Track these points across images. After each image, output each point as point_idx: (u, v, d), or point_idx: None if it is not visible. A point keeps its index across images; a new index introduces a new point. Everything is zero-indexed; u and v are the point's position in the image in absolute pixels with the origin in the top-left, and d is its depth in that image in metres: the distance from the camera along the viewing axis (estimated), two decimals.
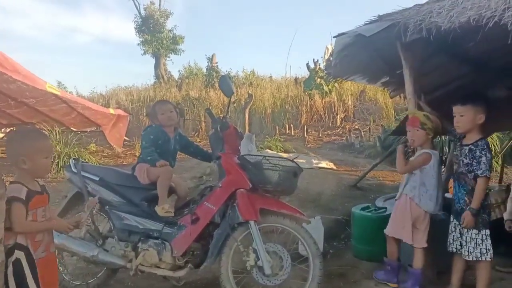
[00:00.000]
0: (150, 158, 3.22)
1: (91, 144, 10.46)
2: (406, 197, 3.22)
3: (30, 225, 2.09)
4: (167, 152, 3.38)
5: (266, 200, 3.08)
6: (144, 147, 3.29)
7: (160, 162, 3.18)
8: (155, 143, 3.31)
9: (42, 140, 2.25)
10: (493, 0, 2.49)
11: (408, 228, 3.17)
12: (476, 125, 2.96)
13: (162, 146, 3.34)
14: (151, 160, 3.21)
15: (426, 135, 3.20)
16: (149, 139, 3.30)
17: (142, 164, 3.30)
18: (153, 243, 3.10)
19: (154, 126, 3.41)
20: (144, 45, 21.04)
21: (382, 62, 4.01)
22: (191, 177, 7.00)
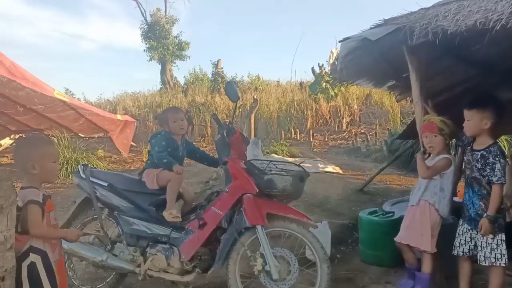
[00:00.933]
0: (166, 161, 3.23)
1: (99, 150, 10.54)
2: (426, 203, 3.15)
3: (47, 230, 2.17)
4: (176, 158, 3.39)
5: (272, 205, 3.08)
6: (158, 152, 3.30)
7: (176, 166, 3.21)
8: (165, 149, 3.33)
9: (49, 145, 2.35)
10: (499, 3, 2.48)
11: (428, 235, 3.10)
12: (484, 130, 2.89)
13: (171, 153, 3.36)
14: (167, 163, 3.23)
15: (444, 141, 3.17)
16: (161, 144, 3.32)
17: (151, 169, 3.32)
18: (161, 248, 3.12)
19: (164, 133, 3.43)
20: (150, 51, 21.18)
21: (388, 66, 4.00)
22: (198, 182, 7.03)
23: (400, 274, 3.58)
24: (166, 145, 3.34)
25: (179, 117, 3.43)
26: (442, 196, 3.13)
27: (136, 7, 22.26)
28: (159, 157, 3.27)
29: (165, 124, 3.44)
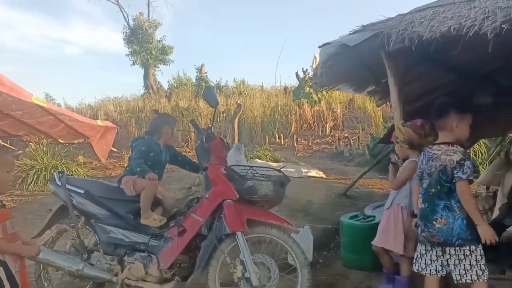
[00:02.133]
0: (140, 170, 3.19)
1: (79, 156, 10.36)
2: (398, 207, 3.18)
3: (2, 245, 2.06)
4: (159, 163, 3.36)
5: (253, 211, 3.06)
6: (134, 158, 3.26)
7: (149, 174, 3.16)
8: (146, 155, 3.28)
9: (2, 154, 2.24)
10: (473, 9, 2.53)
11: (400, 239, 3.12)
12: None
13: (153, 158, 3.32)
14: (140, 172, 3.18)
15: (401, 148, 3.20)
16: (140, 150, 3.27)
17: (129, 176, 3.27)
18: (139, 256, 3.06)
19: (147, 138, 3.38)
20: (132, 55, 20.93)
21: (368, 71, 4.04)
22: (180, 187, 6.97)
23: (381, 278, 3.59)
24: (148, 150, 3.29)
25: (169, 131, 3.43)
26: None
27: (119, 11, 22.08)
28: (134, 164, 3.22)
29: (159, 127, 3.40)
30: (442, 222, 2.50)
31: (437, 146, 2.60)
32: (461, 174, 2.44)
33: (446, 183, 2.51)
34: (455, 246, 2.48)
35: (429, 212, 2.56)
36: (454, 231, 2.46)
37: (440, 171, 2.53)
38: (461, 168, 2.45)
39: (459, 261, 2.49)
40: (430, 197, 2.58)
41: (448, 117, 2.56)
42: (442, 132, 2.62)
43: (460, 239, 2.46)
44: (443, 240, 2.50)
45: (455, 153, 2.51)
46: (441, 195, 2.53)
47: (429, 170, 2.60)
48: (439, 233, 2.50)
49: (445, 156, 2.52)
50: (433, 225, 2.52)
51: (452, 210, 2.49)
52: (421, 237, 2.62)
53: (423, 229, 2.58)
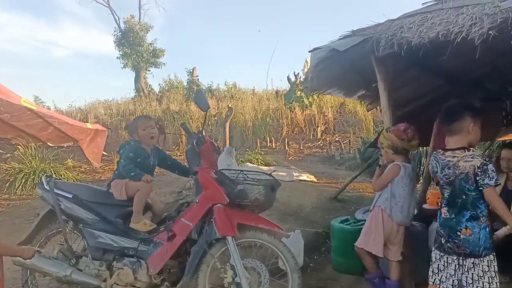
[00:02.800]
0: (134, 174, 3.16)
1: (68, 159, 10.25)
2: (378, 209, 3.20)
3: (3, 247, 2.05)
4: (147, 168, 3.33)
5: (243, 215, 3.05)
6: (124, 165, 3.23)
7: (146, 176, 3.15)
8: (134, 160, 3.25)
9: None
10: (460, 16, 2.56)
11: (379, 241, 3.13)
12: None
13: (141, 163, 3.29)
14: (135, 176, 3.16)
15: (386, 153, 3.23)
16: (128, 156, 3.25)
17: (119, 180, 3.24)
18: (128, 261, 3.04)
19: (133, 143, 3.36)
20: (123, 58, 20.83)
21: (358, 76, 4.06)
22: (171, 191, 6.93)
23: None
24: (135, 156, 3.26)
25: (149, 125, 3.37)
26: (394, 202, 3.14)
27: (110, 14, 21.99)
28: (125, 171, 3.20)
29: (134, 132, 3.37)
30: (468, 233, 2.43)
31: (451, 152, 2.50)
32: (488, 180, 2.36)
33: (470, 191, 2.43)
34: (481, 256, 2.42)
35: (455, 222, 2.48)
36: (480, 240, 2.41)
37: (462, 180, 2.44)
38: (485, 174, 2.37)
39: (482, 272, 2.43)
40: (457, 207, 2.49)
41: (463, 120, 2.47)
42: (455, 137, 2.52)
43: (486, 249, 2.42)
44: (469, 251, 2.43)
45: (473, 158, 2.42)
46: (467, 205, 2.45)
47: (448, 179, 2.51)
48: (465, 244, 2.43)
49: (464, 163, 2.42)
50: (458, 236, 2.45)
51: (478, 220, 2.43)
52: (445, 247, 2.52)
53: (447, 240, 2.50)
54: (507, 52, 3.79)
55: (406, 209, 3.16)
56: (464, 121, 2.47)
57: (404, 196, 3.14)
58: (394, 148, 3.15)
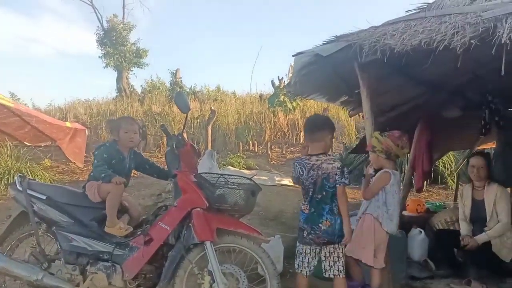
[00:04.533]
0: (104, 175, 3.07)
1: (46, 159, 10.02)
2: (371, 217, 3.18)
3: None
4: (121, 171, 3.24)
5: (223, 220, 3.00)
6: (96, 166, 3.14)
7: (115, 178, 3.04)
8: (108, 162, 3.17)
9: None
10: (443, 24, 2.57)
11: (370, 249, 3.12)
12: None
13: (116, 165, 3.21)
14: (105, 177, 3.06)
15: (377, 157, 3.23)
16: (102, 157, 3.16)
17: (93, 182, 3.15)
18: (102, 266, 2.95)
19: (108, 144, 3.28)
20: (106, 57, 20.57)
21: (341, 82, 4.06)
22: (150, 194, 6.82)
23: None
24: (109, 157, 3.18)
25: (132, 129, 3.30)
26: (385, 211, 3.14)
27: (93, 12, 21.69)
28: (97, 172, 3.11)
29: (115, 132, 3.29)
30: (327, 224, 2.87)
31: (316, 156, 2.93)
32: (344, 179, 2.87)
33: (330, 188, 2.88)
34: (337, 243, 2.92)
35: (316, 216, 2.90)
36: (336, 230, 2.88)
37: (324, 179, 2.88)
38: (343, 174, 2.87)
39: (339, 257, 2.95)
40: (318, 203, 2.90)
41: (323, 131, 3.00)
42: (316, 144, 2.97)
43: (339, 237, 2.89)
44: (327, 240, 2.89)
45: (334, 161, 2.91)
46: (326, 200, 2.89)
47: (312, 179, 2.90)
48: (324, 234, 2.87)
49: (327, 165, 2.87)
50: (320, 227, 2.87)
51: (334, 213, 2.89)
52: (307, 239, 2.93)
53: (309, 232, 2.90)
54: (488, 62, 3.85)
55: (395, 217, 3.17)
56: (324, 132, 2.99)
57: (394, 204, 3.16)
58: (387, 153, 3.18)
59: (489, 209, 3.66)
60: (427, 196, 8.01)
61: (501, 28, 2.30)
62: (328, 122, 3.15)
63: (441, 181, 8.87)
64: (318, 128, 3.02)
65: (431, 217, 4.81)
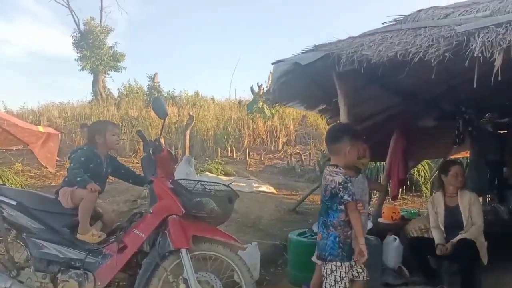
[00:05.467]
0: (80, 179, 3.00)
1: (17, 163, 9.74)
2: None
3: None
4: (98, 176, 3.18)
5: (199, 227, 2.97)
6: (72, 169, 3.07)
7: (91, 184, 2.97)
8: (85, 166, 3.10)
9: None
10: (418, 37, 2.64)
11: None
12: None
13: (93, 170, 3.15)
14: (81, 181, 2.99)
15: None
16: (79, 161, 3.09)
17: (67, 188, 3.08)
18: (74, 273, 2.88)
19: (86, 148, 3.21)
20: (82, 60, 20.24)
21: (319, 90, 4.11)
22: (125, 200, 6.71)
23: None
24: (87, 161, 3.12)
25: (117, 132, 3.30)
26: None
27: (69, 15, 21.34)
28: (73, 174, 3.04)
29: (100, 134, 3.21)
30: (319, 237, 2.75)
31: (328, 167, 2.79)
32: (347, 196, 2.59)
33: (326, 201, 2.70)
34: (326, 260, 2.66)
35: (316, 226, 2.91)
36: (327, 247, 2.66)
37: (324, 190, 2.74)
38: (346, 190, 2.59)
39: (326, 274, 2.67)
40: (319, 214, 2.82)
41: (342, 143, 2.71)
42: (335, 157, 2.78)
43: (331, 255, 2.64)
44: (319, 254, 2.75)
45: (337, 174, 2.65)
46: (322, 212, 2.76)
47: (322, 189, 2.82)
48: (317, 246, 2.80)
49: (329, 177, 2.68)
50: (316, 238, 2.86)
51: (327, 227, 2.69)
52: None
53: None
54: (461, 74, 3.97)
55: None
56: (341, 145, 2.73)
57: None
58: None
59: (465, 214, 3.74)
60: (402, 203, 8.14)
61: (474, 42, 2.37)
62: (347, 134, 2.80)
63: (416, 189, 9.04)
64: (334, 141, 2.80)
65: (405, 224, 4.88)
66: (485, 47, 2.30)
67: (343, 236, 2.64)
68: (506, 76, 2.32)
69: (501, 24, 2.39)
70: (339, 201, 2.62)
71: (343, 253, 2.63)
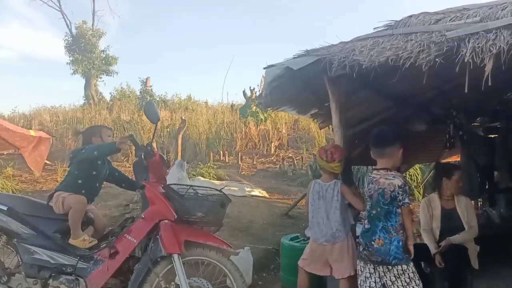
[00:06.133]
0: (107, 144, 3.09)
1: (8, 168, 9.63)
2: None
3: None
4: (100, 176, 3.25)
5: (191, 232, 2.96)
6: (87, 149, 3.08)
7: (120, 138, 2.99)
8: (95, 160, 3.17)
9: None
10: (409, 42, 2.66)
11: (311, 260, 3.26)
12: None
13: (98, 168, 3.20)
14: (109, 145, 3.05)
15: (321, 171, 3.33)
16: (92, 151, 3.09)
17: (60, 192, 3.06)
18: (65, 279, 2.87)
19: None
20: (74, 64, 20.13)
21: (311, 95, 4.12)
22: (117, 205, 6.66)
23: None
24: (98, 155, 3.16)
25: (111, 134, 3.39)
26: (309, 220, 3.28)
27: (61, 18, 21.23)
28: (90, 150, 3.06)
29: (96, 137, 3.27)
30: (380, 243, 2.70)
31: (376, 170, 2.82)
32: (407, 199, 2.69)
33: (384, 205, 2.71)
34: (391, 265, 2.68)
35: (370, 233, 2.76)
36: (391, 251, 2.67)
37: (379, 194, 2.73)
38: (406, 194, 2.69)
39: (395, 278, 2.69)
40: (372, 219, 2.78)
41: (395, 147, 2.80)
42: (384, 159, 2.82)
43: (396, 259, 2.67)
44: (381, 259, 2.69)
45: (395, 177, 2.72)
46: (380, 217, 2.73)
47: (369, 193, 2.80)
48: (377, 253, 2.70)
49: (384, 180, 2.72)
50: (372, 245, 2.73)
51: (389, 232, 2.70)
52: (362, 255, 2.81)
53: (364, 248, 2.79)
54: (452, 79, 4.00)
55: (315, 225, 3.20)
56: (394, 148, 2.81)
57: (311, 211, 3.23)
58: (320, 167, 3.27)
59: (464, 218, 3.76)
60: None
61: (464, 47, 2.39)
62: (398, 137, 2.87)
63: None
64: (389, 144, 2.81)
65: None
66: (475, 52, 2.32)
67: (402, 239, 2.70)
68: (496, 82, 2.35)
69: (491, 30, 2.41)
70: (397, 205, 2.68)
71: (406, 255, 2.70)
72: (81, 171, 3.18)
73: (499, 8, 2.78)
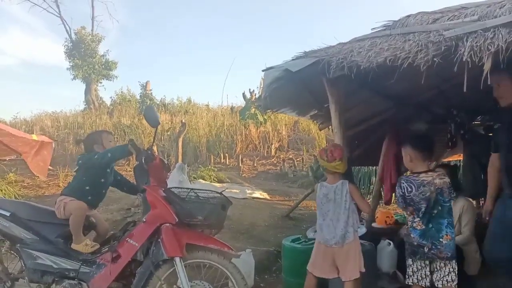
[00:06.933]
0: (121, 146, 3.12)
1: (10, 173, 9.65)
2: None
3: None
4: (107, 183, 3.29)
5: (192, 235, 2.96)
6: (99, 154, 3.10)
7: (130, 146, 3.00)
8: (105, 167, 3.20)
9: None
10: (407, 42, 2.66)
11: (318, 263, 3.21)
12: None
13: (106, 176, 3.23)
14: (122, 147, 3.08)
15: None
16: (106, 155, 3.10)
17: (63, 197, 3.08)
18: (68, 284, 2.88)
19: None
20: (74, 69, 20.19)
21: (310, 96, 4.13)
22: (119, 209, 6.66)
23: None
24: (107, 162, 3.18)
25: (112, 138, 3.38)
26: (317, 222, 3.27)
27: (61, 24, 21.31)
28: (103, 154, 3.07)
29: (97, 143, 3.27)
30: (448, 238, 2.89)
31: (424, 173, 2.95)
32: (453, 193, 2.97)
33: (445, 203, 2.91)
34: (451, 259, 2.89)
35: (435, 231, 2.90)
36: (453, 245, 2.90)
37: (438, 194, 2.90)
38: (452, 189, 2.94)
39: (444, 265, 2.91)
40: (434, 218, 2.92)
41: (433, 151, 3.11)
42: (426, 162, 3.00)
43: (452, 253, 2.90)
44: (450, 254, 2.87)
45: (444, 176, 2.94)
46: (444, 215, 2.92)
47: (424, 195, 2.90)
48: (447, 248, 2.87)
49: (439, 180, 2.90)
50: (441, 242, 2.88)
51: (452, 227, 2.94)
52: (429, 255, 2.91)
53: (431, 248, 2.90)
54: (450, 78, 4.00)
55: (325, 227, 3.16)
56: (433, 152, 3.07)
57: (321, 215, 3.20)
58: (321, 167, 3.27)
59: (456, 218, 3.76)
60: (396, 208, 8.16)
61: (462, 47, 2.39)
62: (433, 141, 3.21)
63: None
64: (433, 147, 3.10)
65: (400, 228, 4.89)
66: (474, 51, 2.32)
67: None
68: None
69: (489, 28, 2.41)
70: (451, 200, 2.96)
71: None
72: (89, 177, 3.18)
73: (497, 6, 2.78)
